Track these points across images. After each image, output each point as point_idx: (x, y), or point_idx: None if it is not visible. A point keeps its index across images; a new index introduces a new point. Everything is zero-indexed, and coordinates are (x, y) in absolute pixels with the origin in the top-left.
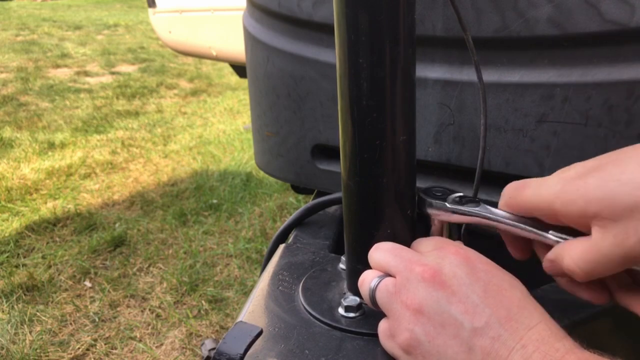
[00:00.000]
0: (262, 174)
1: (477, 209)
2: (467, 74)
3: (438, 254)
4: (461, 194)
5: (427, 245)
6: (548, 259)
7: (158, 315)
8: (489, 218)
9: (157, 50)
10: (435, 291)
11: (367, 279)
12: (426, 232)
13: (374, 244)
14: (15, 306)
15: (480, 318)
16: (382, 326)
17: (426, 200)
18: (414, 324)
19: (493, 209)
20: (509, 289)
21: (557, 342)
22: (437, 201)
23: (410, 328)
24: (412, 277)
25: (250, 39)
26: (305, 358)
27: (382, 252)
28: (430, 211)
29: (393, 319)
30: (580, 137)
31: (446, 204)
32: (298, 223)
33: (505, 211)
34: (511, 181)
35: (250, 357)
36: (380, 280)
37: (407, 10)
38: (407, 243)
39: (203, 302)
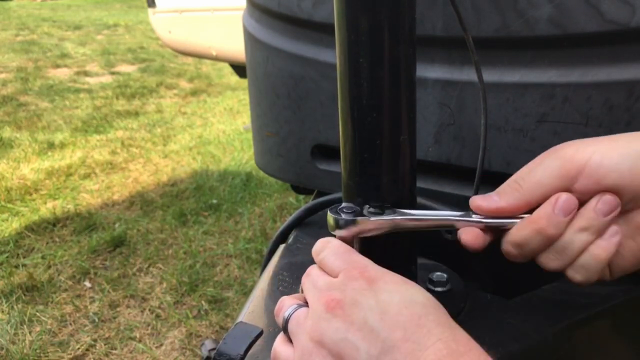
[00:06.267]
0: (262, 174)
1: (394, 215)
2: (467, 74)
3: (343, 280)
4: (367, 205)
5: (336, 264)
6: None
7: (158, 316)
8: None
9: (157, 50)
10: (336, 321)
11: (284, 308)
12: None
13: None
14: (15, 306)
15: (375, 344)
16: (286, 353)
17: (347, 220)
18: (315, 356)
19: (407, 211)
20: (409, 305)
21: None
22: (361, 217)
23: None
24: (319, 308)
25: (250, 39)
26: None
27: (307, 278)
28: (354, 229)
29: (298, 349)
30: (581, 137)
31: (370, 218)
32: (298, 223)
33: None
34: None
35: (250, 358)
36: (295, 311)
37: (408, 10)
38: (406, 243)
39: (203, 302)
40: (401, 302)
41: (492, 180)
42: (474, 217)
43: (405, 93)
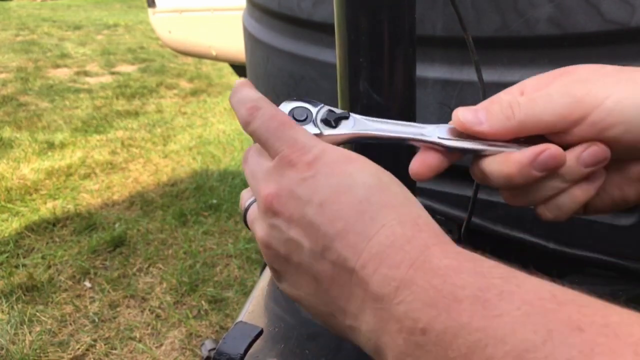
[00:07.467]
0: None
1: (350, 125)
2: (467, 74)
3: (277, 167)
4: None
5: (270, 143)
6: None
7: (158, 316)
8: (369, 131)
9: (157, 50)
10: (276, 220)
11: (242, 203)
12: None
13: None
14: (15, 306)
15: (317, 240)
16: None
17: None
18: (269, 258)
19: (366, 121)
20: (349, 189)
21: (399, 253)
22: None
23: (270, 263)
24: (260, 206)
25: (250, 39)
26: (305, 358)
27: (245, 165)
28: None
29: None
30: None
31: (318, 129)
32: None
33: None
34: None
35: (250, 357)
36: (250, 205)
37: (407, 10)
38: None
39: (203, 302)
40: (340, 186)
41: None
42: (436, 138)
43: (405, 93)
